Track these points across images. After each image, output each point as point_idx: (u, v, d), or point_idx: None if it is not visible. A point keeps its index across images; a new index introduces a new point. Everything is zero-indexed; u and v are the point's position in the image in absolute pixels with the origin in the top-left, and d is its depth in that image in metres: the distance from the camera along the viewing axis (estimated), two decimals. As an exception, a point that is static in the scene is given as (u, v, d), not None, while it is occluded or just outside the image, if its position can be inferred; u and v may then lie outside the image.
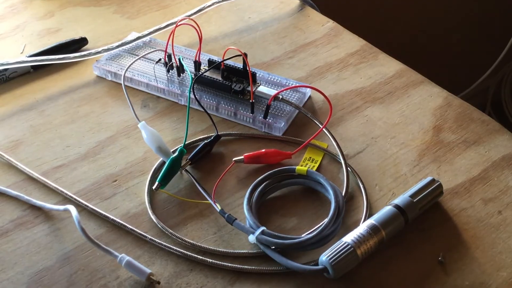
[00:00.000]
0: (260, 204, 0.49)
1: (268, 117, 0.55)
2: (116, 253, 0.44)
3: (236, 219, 0.47)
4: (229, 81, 0.57)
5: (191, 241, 0.46)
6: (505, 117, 1.53)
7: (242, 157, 0.51)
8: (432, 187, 0.48)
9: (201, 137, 0.55)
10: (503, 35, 1.32)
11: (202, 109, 0.55)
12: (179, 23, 0.57)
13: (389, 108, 0.58)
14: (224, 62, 0.57)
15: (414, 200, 0.47)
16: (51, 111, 0.58)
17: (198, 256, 0.45)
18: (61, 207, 0.47)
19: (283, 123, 0.55)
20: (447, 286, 0.44)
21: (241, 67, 0.58)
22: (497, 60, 1.33)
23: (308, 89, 0.58)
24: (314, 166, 0.52)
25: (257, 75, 0.59)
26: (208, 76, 0.58)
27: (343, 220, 0.47)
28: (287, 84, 0.59)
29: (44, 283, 0.44)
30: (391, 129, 0.56)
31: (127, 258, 0.44)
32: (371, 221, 0.45)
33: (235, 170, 0.52)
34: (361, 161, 0.53)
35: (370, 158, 0.53)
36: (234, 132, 0.56)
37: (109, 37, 0.67)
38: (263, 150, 0.52)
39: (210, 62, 0.59)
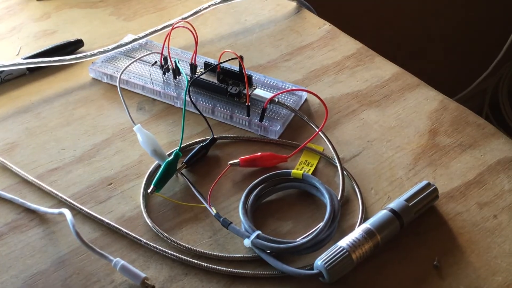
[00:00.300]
0: (255, 207, 0.48)
1: (264, 120, 0.55)
2: (111, 257, 0.44)
3: (231, 222, 0.46)
4: (225, 84, 0.57)
5: (186, 245, 0.46)
6: (503, 118, 1.53)
7: (238, 160, 0.51)
8: (427, 191, 0.48)
9: (197, 140, 0.55)
10: (501, 37, 1.33)
11: (198, 112, 0.55)
12: (175, 26, 0.57)
13: (385, 112, 0.58)
14: (220, 65, 0.57)
15: (410, 204, 0.47)
16: (46, 113, 0.58)
17: (193, 260, 0.45)
18: (56, 211, 0.47)
19: (279, 126, 0.55)
20: (442, 290, 0.44)
21: (237, 69, 0.57)
22: (494, 61, 1.33)
23: (305, 92, 0.58)
24: (309, 170, 0.52)
25: (253, 78, 0.59)
26: (204, 79, 0.57)
27: (338, 224, 0.47)
28: (283, 87, 0.59)
29: (39, 287, 0.44)
30: (387, 133, 0.56)
31: (122, 262, 0.44)
32: (367, 225, 0.45)
33: (230, 174, 0.52)
34: (357, 165, 0.53)
35: (366, 161, 0.53)
36: (230, 135, 0.55)
37: (105, 39, 0.67)
38: (259, 154, 0.52)
39: (206, 65, 0.59)
